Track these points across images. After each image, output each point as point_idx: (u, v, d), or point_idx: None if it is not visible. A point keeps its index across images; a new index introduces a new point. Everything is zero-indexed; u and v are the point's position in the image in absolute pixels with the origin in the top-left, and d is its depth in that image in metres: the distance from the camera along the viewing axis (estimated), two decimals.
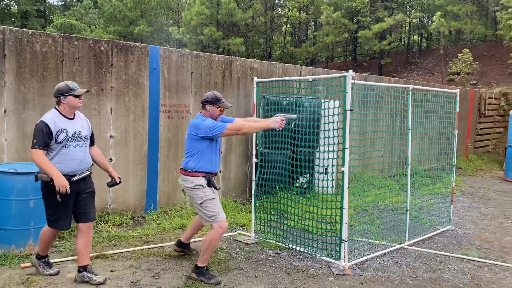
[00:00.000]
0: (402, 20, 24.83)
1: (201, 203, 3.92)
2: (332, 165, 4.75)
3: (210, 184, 3.97)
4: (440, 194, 7.91)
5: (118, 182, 3.95)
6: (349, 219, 5.76)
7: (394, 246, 5.14)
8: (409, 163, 5.33)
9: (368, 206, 7.07)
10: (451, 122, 6.31)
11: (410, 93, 5.26)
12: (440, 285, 4.11)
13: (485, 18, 27.50)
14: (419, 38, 31.12)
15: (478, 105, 13.94)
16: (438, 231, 5.90)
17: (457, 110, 6.07)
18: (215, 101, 4.04)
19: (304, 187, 6.73)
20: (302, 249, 4.83)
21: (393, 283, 4.12)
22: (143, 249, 4.68)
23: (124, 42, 5.78)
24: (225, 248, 4.91)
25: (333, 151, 4.69)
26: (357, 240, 5.22)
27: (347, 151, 4.38)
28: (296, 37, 34.91)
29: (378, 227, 5.87)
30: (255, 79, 5.35)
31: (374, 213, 6.72)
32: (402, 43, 31.36)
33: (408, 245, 5.24)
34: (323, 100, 6.63)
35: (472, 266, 4.64)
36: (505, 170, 10.91)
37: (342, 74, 4.46)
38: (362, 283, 4.08)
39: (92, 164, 3.86)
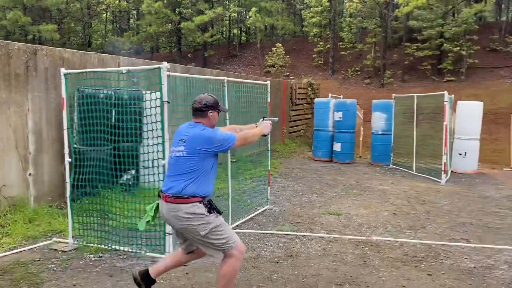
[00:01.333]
0: (222, 13, 25.91)
1: (206, 234, 3.14)
2: (158, 159, 4.68)
3: (211, 208, 3.21)
4: (261, 177, 8.56)
5: None
6: None
7: None
8: (228, 152, 5.58)
9: None
10: (265, 111, 6.85)
11: (226, 85, 5.51)
12: (258, 262, 4.46)
13: (293, 16, 30.62)
14: (239, 32, 32.95)
15: (290, 95, 15.51)
16: (258, 212, 6.38)
17: (269, 100, 6.61)
18: (216, 105, 3.33)
19: (129, 184, 6.50)
20: (126, 249, 4.65)
21: (217, 267, 4.29)
22: None
23: None
24: (38, 259, 4.41)
25: (157, 144, 4.61)
26: None
27: (166, 144, 4.35)
28: (118, 26, 33.31)
29: None
30: (62, 70, 4.89)
31: None
32: (224, 36, 32.78)
33: (231, 228, 5.51)
34: (144, 92, 6.46)
35: (286, 240, 5.16)
36: (313, 151, 12.43)
37: (157, 66, 4.40)
38: (187, 273, 4.14)
39: None
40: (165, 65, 4.36)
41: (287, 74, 23.61)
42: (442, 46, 19.91)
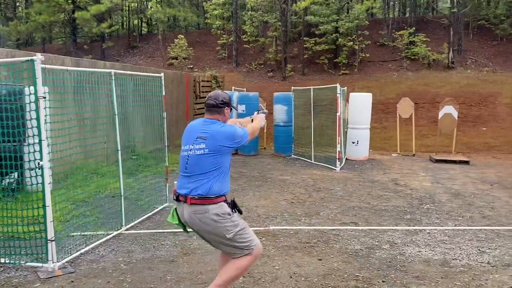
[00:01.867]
0: (120, 3, 24.70)
1: (232, 237, 3.01)
2: (34, 160, 4.26)
3: (234, 208, 3.08)
4: (162, 174, 8.33)
5: None
6: (64, 215, 5.38)
7: (112, 233, 5.09)
8: (119, 148, 5.31)
9: (89, 196, 6.79)
10: (161, 105, 6.64)
11: (113, 78, 5.21)
12: (153, 263, 4.30)
13: (195, 7, 30.21)
14: (139, 23, 31.71)
15: (194, 88, 15.31)
16: (156, 210, 6.18)
17: (164, 93, 6.41)
18: (230, 102, 3.21)
19: (12, 188, 5.89)
20: (2, 260, 4.20)
21: (106, 272, 4.06)
22: None
23: None
24: None
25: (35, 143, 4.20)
26: (72, 236, 4.92)
27: (44, 143, 3.99)
28: (3, 14, 30.17)
29: (97, 217, 5.71)
30: None
31: (94, 203, 6.50)
32: (124, 26, 31.32)
33: (125, 230, 5.28)
34: (24, 87, 5.87)
35: (184, 238, 5.05)
36: None
37: (29, 58, 3.99)
38: (72, 281, 3.85)
39: None
40: (39, 57, 3.98)
41: (191, 66, 23.28)
42: (338, 41, 21.04)
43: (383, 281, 3.89)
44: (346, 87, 12.17)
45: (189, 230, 3.30)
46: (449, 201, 6.93)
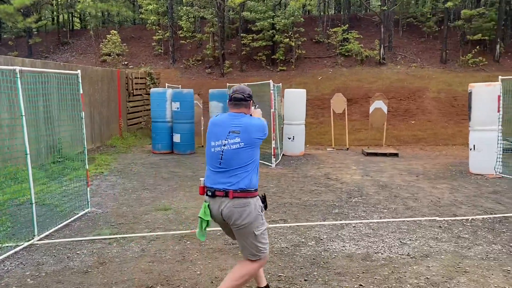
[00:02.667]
0: None
1: (259, 234, 3.04)
2: None
3: (264, 202, 3.14)
4: (90, 177, 7.90)
5: None
6: None
7: (22, 244, 4.68)
8: (27, 152, 4.87)
9: (3, 205, 6.25)
10: (79, 104, 6.22)
11: (18, 76, 4.77)
12: (63, 275, 3.98)
13: (129, 2, 29.18)
14: (70, 18, 30.14)
15: (126, 85, 14.71)
16: (77, 216, 5.79)
17: (81, 91, 6.01)
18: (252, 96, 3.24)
19: None
20: None
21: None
22: None
23: None
24: None
25: None
26: None
27: None
28: None
29: (8, 227, 5.24)
30: None
31: (9, 212, 5.98)
32: (53, 21, 29.63)
33: (39, 240, 4.88)
34: None
35: (102, 245, 4.74)
36: (152, 144, 12.01)
37: None
38: None
39: None
40: None
41: (126, 63, 22.46)
42: (274, 38, 21.17)
43: (305, 280, 3.84)
44: (281, 83, 12.20)
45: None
46: (377, 193, 7.11)
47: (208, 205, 3.10)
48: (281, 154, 10.98)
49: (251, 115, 3.27)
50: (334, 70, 20.64)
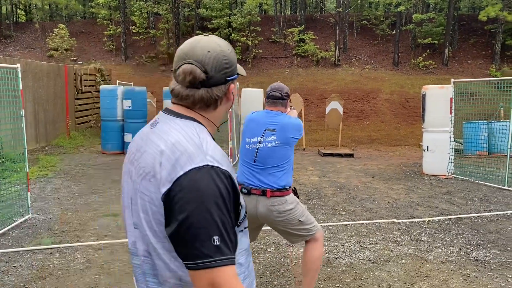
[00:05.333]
0: None
1: (303, 220, 3.06)
2: None
3: (296, 194, 3.17)
4: (31, 180, 7.32)
5: None
6: None
7: None
8: None
9: None
10: (18, 100, 5.70)
11: None
12: None
13: None
14: (15, 10, 28.42)
15: (75, 82, 13.95)
16: (15, 224, 5.28)
17: (21, 87, 5.50)
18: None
19: None
20: None
21: None
22: None
23: None
24: None
25: None
26: None
27: None
28: None
29: None
30: None
31: None
32: None
33: None
34: None
35: (43, 257, 4.31)
36: (102, 144, 11.41)
37: None
38: None
39: None
40: None
41: (75, 58, 21.41)
42: (231, 36, 20.91)
43: None
44: (238, 83, 11.98)
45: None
46: (335, 195, 7.04)
47: None
48: (238, 155, 10.75)
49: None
50: (290, 70, 20.68)
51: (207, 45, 1.28)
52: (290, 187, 3.09)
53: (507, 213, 6.04)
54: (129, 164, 1.31)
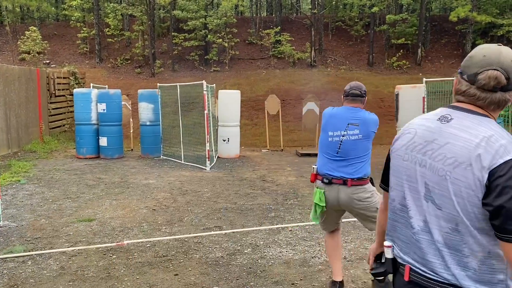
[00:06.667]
0: None
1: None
2: None
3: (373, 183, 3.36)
4: (2, 187, 7.15)
5: None
6: None
7: None
8: None
9: None
10: None
11: None
12: None
13: None
14: None
15: (48, 85, 13.66)
16: None
17: None
18: None
19: None
20: None
21: None
22: None
23: None
24: None
25: None
26: None
27: None
28: None
29: None
30: None
31: None
32: None
33: None
34: None
35: (14, 265, 4.21)
36: (76, 148, 11.21)
37: None
38: None
39: None
40: None
41: (48, 62, 20.98)
42: (207, 37, 20.86)
43: None
44: (214, 84, 11.96)
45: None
46: (311, 195, 7.08)
47: (324, 191, 3.34)
48: (216, 157, 10.73)
49: None
50: (267, 71, 20.76)
51: (509, 55, 1.45)
52: (368, 176, 3.34)
53: None
54: (416, 153, 1.56)
